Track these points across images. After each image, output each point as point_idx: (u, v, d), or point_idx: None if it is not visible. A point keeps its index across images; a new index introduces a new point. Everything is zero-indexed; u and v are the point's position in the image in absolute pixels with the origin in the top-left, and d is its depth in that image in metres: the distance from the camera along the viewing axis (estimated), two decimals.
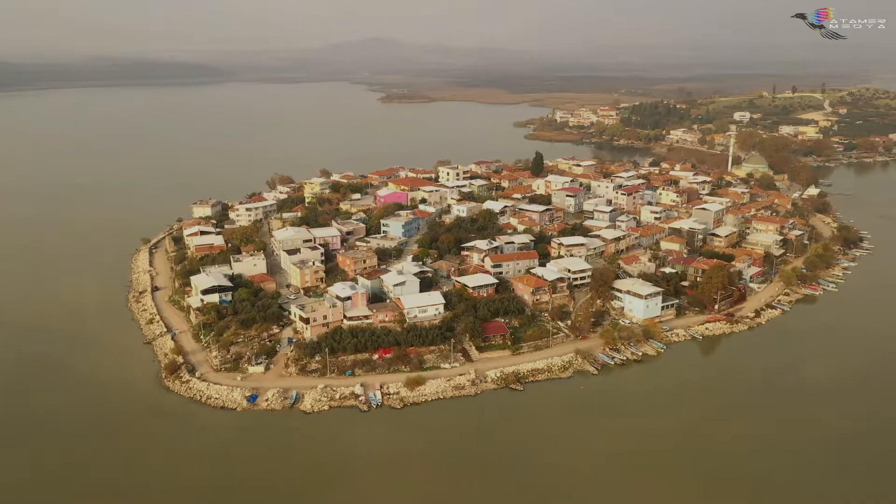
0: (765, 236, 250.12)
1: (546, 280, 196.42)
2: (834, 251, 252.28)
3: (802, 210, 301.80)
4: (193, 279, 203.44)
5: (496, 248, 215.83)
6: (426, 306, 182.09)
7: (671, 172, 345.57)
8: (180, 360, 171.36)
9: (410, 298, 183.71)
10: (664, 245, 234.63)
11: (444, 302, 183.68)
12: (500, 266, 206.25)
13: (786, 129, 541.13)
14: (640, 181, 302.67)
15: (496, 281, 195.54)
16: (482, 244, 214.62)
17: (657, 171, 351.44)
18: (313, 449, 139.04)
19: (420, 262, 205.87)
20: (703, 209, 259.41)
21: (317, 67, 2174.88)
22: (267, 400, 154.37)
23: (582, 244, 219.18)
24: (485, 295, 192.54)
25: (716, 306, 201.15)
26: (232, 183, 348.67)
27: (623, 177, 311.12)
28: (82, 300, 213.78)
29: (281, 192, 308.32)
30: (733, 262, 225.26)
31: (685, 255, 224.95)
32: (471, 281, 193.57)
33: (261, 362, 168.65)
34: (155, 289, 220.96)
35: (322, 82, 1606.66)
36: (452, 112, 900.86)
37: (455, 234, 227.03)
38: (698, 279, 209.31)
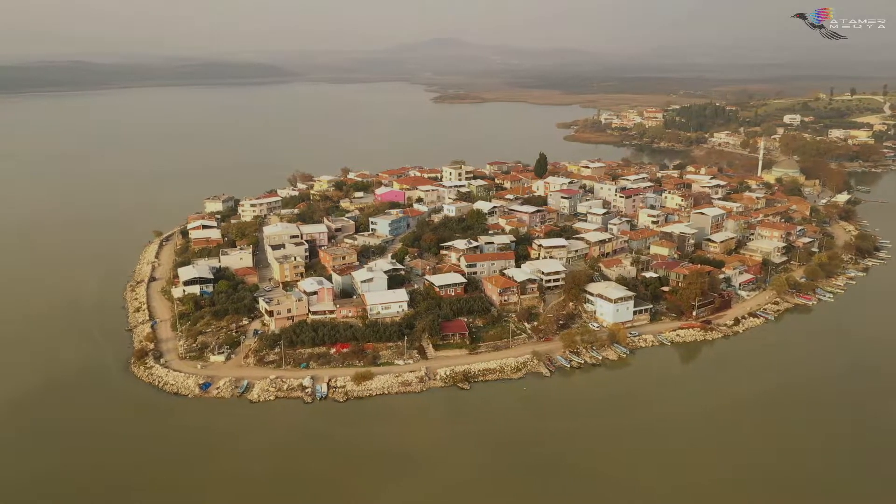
0: (766, 243, 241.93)
1: (515, 281, 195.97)
2: (842, 260, 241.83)
3: (822, 217, 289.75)
4: (180, 270, 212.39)
5: (475, 247, 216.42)
6: (389, 303, 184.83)
7: (687, 176, 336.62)
8: (151, 346, 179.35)
9: (375, 295, 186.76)
10: (654, 249, 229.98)
11: (407, 300, 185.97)
12: (474, 266, 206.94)
13: (836, 133, 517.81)
14: (648, 184, 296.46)
15: (464, 280, 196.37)
16: (460, 244, 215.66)
17: (677, 175, 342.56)
18: (221, 434, 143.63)
19: (393, 261, 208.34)
20: (701, 214, 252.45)
21: (382, 68, 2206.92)
22: (218, 388, 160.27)
23: (562, 246, 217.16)
24: (453, 294, 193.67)
25: (693, 313, 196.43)
26: (262, 179, 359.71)
27: (629, 179, 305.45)
28: (85, 287, 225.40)
29: (293, 190, 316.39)
30: (723, 269, 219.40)
31: (670, 260, 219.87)
32: (438, 279, 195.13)
33: (223, 352, 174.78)
34: (152, 279, 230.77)
35: (382, 82, 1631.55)
36: (500, 113, 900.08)
37: (437, 233, 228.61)
38: (680, 284, 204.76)
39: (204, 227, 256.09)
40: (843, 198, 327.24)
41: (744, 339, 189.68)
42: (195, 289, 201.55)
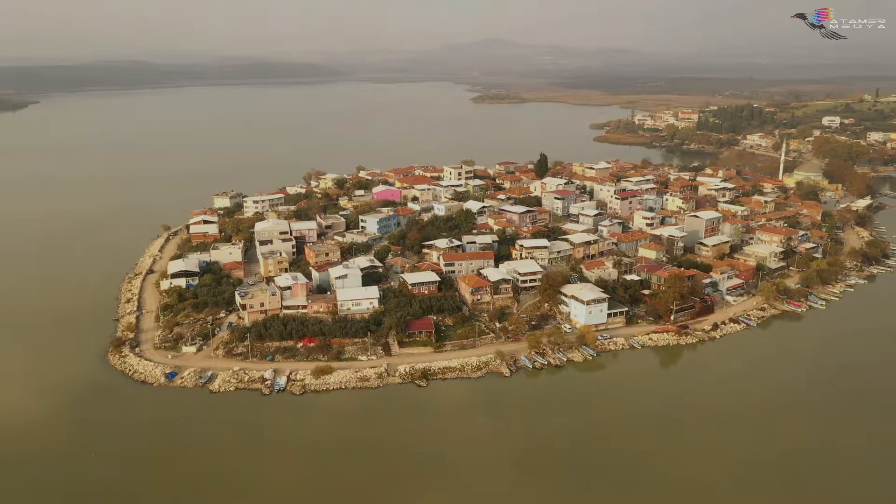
0: (762, 247, 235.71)
1: (488, 280, 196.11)
2: (843, 267, 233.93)
3: (833, 222, 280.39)
4: (170, 264, 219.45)
5: (457, 247, 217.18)
6: (360, 300, 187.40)
7: (698, 178, 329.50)
8: (130, 336, 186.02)
9: (346, 291, 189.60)
10: (642, 252, 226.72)
11: (378, 297, 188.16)
12: (452, 265, 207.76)
13: (874, 136, 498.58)
14: (651, 186, 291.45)
15: (438, 279, 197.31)
16: (442, 243, 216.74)
17: (688, 177, 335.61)
18: (162, 419, 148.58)
19: (372, 258, 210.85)
20: (696, 217, 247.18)
21: (428, 68, 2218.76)
22: (182, 378, 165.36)
23: (545, 247, 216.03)
24: (426, 292, 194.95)
25: (671, 317, 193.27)
26: (282, 175, 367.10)
27: (631, 181, 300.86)
28: (90, 276, 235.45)
29: (301, 187, 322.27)
30: (710, 274, 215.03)
31: (653, 263, 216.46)
32: (411, 278, 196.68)
33: (195, 343, 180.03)
34: (150, 272, 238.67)
35: (426, 82, 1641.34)
36: (537, 113, 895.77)
37: (424, 232, 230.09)
38: (661, 288, 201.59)
39: (205, 222, 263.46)
40: (863, 202, 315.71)
41: (718, 344, 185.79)
42: (181, 281, 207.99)
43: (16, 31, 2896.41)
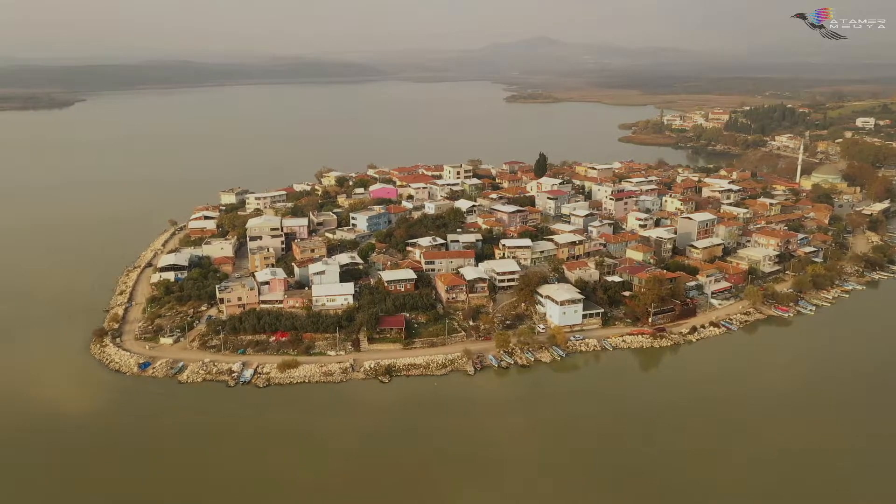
0: (756, 251, 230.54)
1: (464, 279, 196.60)
2: (841, 271, 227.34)
3: (842, 226, 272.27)
4: (162, 258, 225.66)
5: (440, 245, 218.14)
6: (335, 296, 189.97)
7: (706, 179, 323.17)
8: (115, 326, 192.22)
9: (321, 287, 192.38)
10: (629, 253, 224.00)
11: (352, 293, 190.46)
12: (432, 263, 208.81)
13: None
14: (652, 187, 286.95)
15: (414, 277, 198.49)
16: (425, 241, 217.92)
17: (696, 178, 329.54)
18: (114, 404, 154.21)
19: (354, 255, 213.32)
20: (688, 219, 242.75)
21: (471, 67, 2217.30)
22: (154, 368, 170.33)
23: (527, 246, 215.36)
24: (403, 289, 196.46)
25: (649, 319, 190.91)
26: (299, 172, 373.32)
27: (632, 182, 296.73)
28: (92, 267, 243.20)
29: (309, 185, 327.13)
30: (696, 276, 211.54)
31: (637, 265, 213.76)
32: (388, 275, 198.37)
33: (173, 335, 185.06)
34: (149, 265, 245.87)
35: (465, 81, 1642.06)
36: (568, 112, 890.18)
37: (412, 230, 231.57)
38: (642, 290, 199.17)
39: (206, 217, 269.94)
40: (879, 206, 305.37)
41: (693, 348, 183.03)
42: (170, 275, 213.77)
43: (65, 30, 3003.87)
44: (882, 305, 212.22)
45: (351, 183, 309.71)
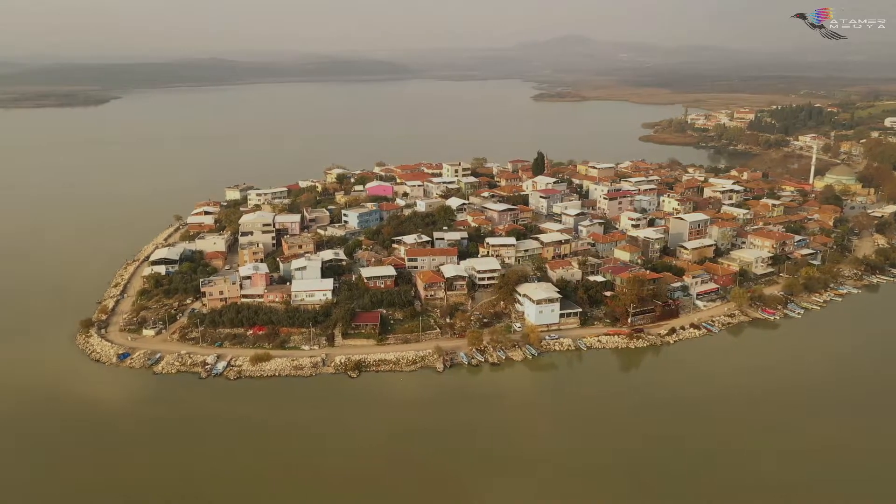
0: (748, 252, 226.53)
1: (442, 276, 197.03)
2: (837, 274, 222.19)
3: (846, 228, 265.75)
4: (156, 251, 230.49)
5: (425, 242, 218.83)
6: (314, 291, 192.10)
7: (711, 179, 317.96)
8: (103, 318, 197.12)
9: (301, 283, 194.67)
10: (616, 253, 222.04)
11: (331, 288, 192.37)
12: (415, 260, 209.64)
13: None
14: (650, 187, 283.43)
15: (394, 273, 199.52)
16: (410, 238, 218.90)
17: (703, 179, 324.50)
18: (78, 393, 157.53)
19: (338, 251, 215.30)
20: (680, 219, 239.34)
21: (503, 66, 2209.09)
22: (132, 359, 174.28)
23: (511, 245, 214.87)
24: (383, 286, 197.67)
25: (629, 319, 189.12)
26: (312, 168, 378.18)
27: (630, 181, 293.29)
28: (91, 262, 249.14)
29: (313, 181, 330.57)
30: (682, 277, 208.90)
31: (622, 265, 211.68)
32: (367, 272, 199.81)
33: (155, 327, 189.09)
34: (146, 259, 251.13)
35: (495, 80, 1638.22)
36: (593, 111, 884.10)
37: (401, 227, 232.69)
38: (623, 290, 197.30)
39: (206, 213, 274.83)
40: (891, 209, 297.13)
41: (670, 350, 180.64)
42: (161, 268, 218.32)
43: (103, 32, 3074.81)
44: (872, 310, 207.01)
45: (352, 180, 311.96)
